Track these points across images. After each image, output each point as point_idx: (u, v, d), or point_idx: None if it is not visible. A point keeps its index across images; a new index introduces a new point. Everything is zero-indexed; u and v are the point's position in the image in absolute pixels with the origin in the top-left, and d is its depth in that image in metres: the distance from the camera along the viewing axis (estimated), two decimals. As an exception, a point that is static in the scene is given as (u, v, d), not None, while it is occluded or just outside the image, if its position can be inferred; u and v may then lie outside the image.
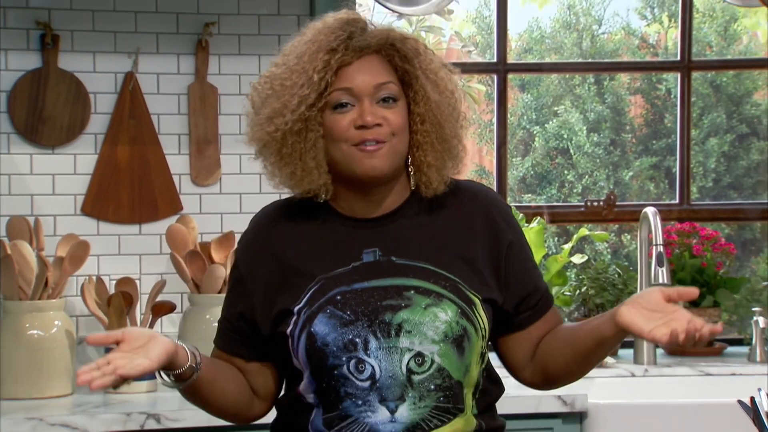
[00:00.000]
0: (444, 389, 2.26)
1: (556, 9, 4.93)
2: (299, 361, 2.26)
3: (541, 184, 4.92)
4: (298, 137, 2.24)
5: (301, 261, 2.29)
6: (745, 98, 4.81)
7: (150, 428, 3.22)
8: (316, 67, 2.23)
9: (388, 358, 2.23)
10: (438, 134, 2.30)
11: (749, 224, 4.74)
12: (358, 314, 2.24)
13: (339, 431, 2.26)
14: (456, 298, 2.27)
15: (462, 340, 2.26)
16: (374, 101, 2.25)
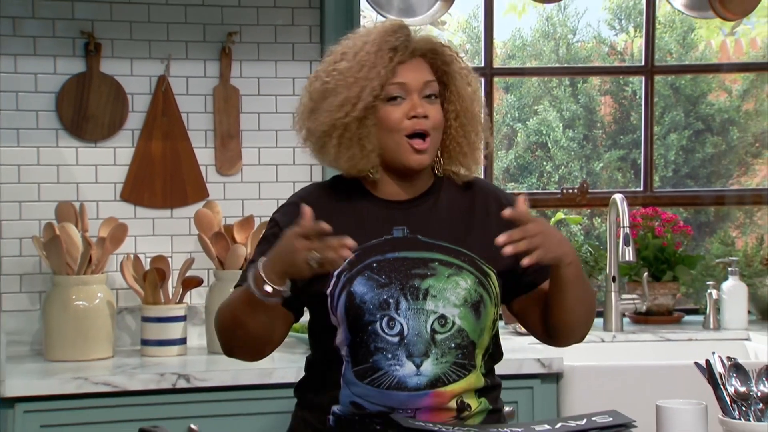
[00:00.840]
0: (462, 348, 2.29)
1: (536, 20, 4.93)
2: (337, 317, 2.29)
3: (522, 174, 4.92)
4: (361, 125, 2.28)
5: (339, 232, 2.19)
6: (701, 99, 4.81)
7: (181, 387, 3.22)
8: (383, 63, 2.26)
9: (415, 318, 2.26)
10: (471, 129, 2.34)
11: (704, 209, 4.73)
12: (392, 278, 2.27)
13: (370, 383, 2.28)
14: (474, 270, 2.31)
15: (479, 305, 2.29)
16: (421, 96, 2.28)
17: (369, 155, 2.29)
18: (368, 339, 2.27)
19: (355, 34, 2.35)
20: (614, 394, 3.25)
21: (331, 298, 2.28)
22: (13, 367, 3.30)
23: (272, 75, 3.85)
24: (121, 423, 3.12)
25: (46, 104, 3.71)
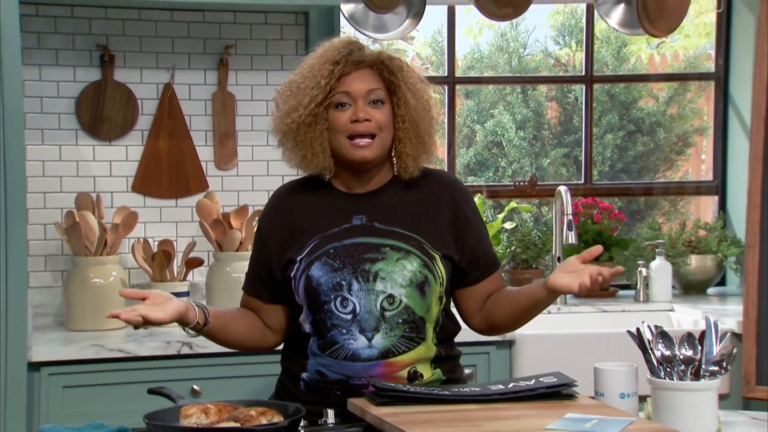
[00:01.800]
0: (409, 323, 2.29)
1: (492, 36, 4.92)
2: (299, 297, 2.30)
3: (481, 168, 4.91)
4: (309, 128, 2.28)
5: (305, 223, 2.33)
6: (633, 104, 4.82)
7: (184, 353, 3.23)
8: (323, 74, 2.27)
9: (366, 298, 2.26)
10: (414, 131, 2.33)
11: (635, 199, 4.75)
12: (345, 263, 2.28)
13: (330, 354, 2.29)
14: (420, 253, 2.30)
15: (424, 285, 2.28)
16: (366, 103, 2.28)
17: (319, 155, 2.30)
18: (325, 317, 2.28)
19: (315, 50, 2.35)
20: (559, 358, 3.26)
21: (294, 280, 2.31)
22: (38, 336, 3.31)
23: (264, 83, 3.85)
24: (132, 384, 3.12)
25: (66, 108, 3.70)
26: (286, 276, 2.32)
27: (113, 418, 2.22)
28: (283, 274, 2.33)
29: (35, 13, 3.63)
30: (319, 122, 2.28)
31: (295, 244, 2.33)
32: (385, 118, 2.30)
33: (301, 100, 2.28)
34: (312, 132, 2.28)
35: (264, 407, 2.01)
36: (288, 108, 2.30)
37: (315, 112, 2.27)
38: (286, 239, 2.34)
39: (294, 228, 2.34)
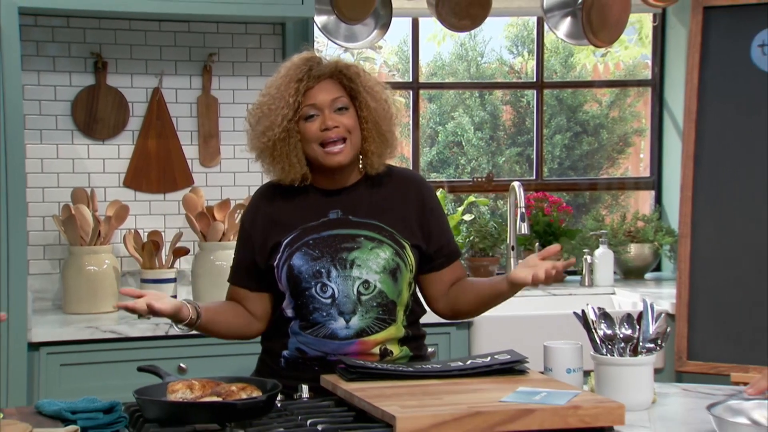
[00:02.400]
0: (382, 306, 2.30)
1: (452, 46, 4.92)
2: (282, 285, 2.31)
3: (442, 166, 4.91)
4: (284, 143, 2.28)
5: (286, 217, 2.33)
6: (579, 108, 4.84)
7: (172, 334, 3.20)
8: (290, 93, 2.28)
9: (344, 283, 2.27)
10: (377, 130, 2.33)
11: (581, 193, 4.77)
12: (324, 252, 2.28)
13: (310, 333, 2.30)
14: (392, 243, 2.31)
15: (396, 272, 2.29)
16: (332, 111, 2.28)
17: (295, 166, 2.30)
18: (307, 301, 2.29)
19: (279, 71, 2.35)
20: (512, 337, 3.27)
21: (277, 269, 2.31)
22: (38, 319, 3.29)
23: (244, 87, 3.83)
24: (123, 362, 3.11)
25: (63, 110, 3.67)
26: (269, 265, 2.32)
27: (106, 394, 2.20)
28: (266, 262, 2.33)
29: (34, 23, 3.60)
30: (292, 136, 2.28)
31: (277, 232, 2.33)
32: (352, 121, 2.30)
33: (273, 120, 2.28)
34: (287, 146, 2.28)
35: (244, 383, 2.01)
36: (262, 128, 2.30)
37: (287, 127, 2.27)
38: (268, 232, 2.34)
39: (275, 221, 2.35)
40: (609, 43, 4.16)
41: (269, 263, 2.32)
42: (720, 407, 1.94)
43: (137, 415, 1.98)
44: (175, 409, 1.90)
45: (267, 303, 2.39)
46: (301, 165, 2.30)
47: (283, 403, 2.05)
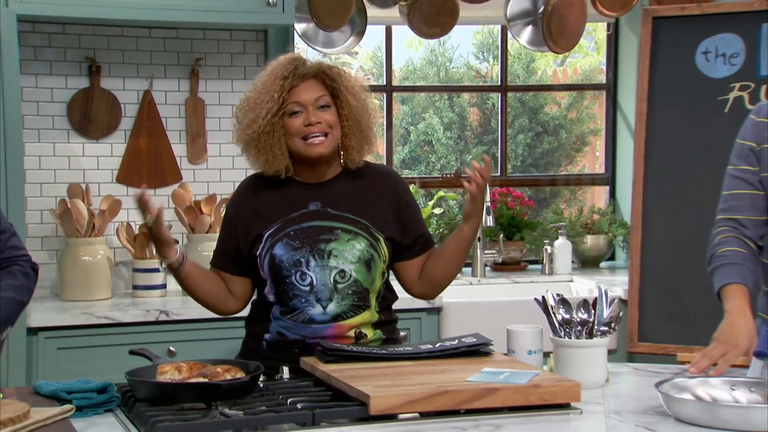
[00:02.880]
0: (357, 293, 2.29)
1: (423, 52, 4.92)
2: (264, 272, 2.29)
3: (414, 163, 4.91)
4: (268, 136, 2.27)
5: (269, 209, 2.31)
6: (540, 110, 4.85)
7: (162, 319, 3.21)
8: (276, 89, 2.26)
9: (322, 272, 2.26)
10: (357, 127, 2.32)
11: (542, 188, 4.79)
12: (304, 243, 2.27)
13: (290, 318, 2.29)
14: (367, 235, 2.30)
15: (370, 262, 2.28)
16: (315, 108, 2.27)
17: (279, 158, 2.29)
18: (287, 289, 2.28)
19: (266, 69, 2.34)
20: (478, 322, 3.28)
21: (259, 258, 2.30)
22: (36, 305, 3.27)
23: (229, 90, 3.81)
24: (117, 346, 3.10)
25: (59, 111, 3.64)
26: (252, 254, 2.31)
27: (100, 375, 2.19)
28: (249, 251, 2.32)
29: (32, 30, 3.56)
30: (276, 130, 2.27)
31: (260, 224, 2.32)
32: (333, 118, 2.30)
33: (259, 113, 2.26)
34: (271, 139, 2.27)
35: (229, 365, 2.01)
36: (248, 121, 2.28)
37: (272, 121, 2.26)
38: (251, 222, 2.33)
39: (258, 213, 2.33)
40: (567, 49, 4.18)
41: (252, 252, 2.31)
42: (667, 384, 1.95)
43: (129, 395, 1.97)
44: (164, 389, 1.89)
45: (246, 286, 2.39)
46: (284, 157, 2.29)
47: (265, 384, 2.05)
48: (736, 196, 2.32)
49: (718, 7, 3.44)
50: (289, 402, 1.89)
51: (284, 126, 2.27)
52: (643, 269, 3.43)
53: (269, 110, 2.25)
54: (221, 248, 2.40)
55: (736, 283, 2.23)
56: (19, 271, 2.23)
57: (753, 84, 3.30)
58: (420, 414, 1.85)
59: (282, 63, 2.30)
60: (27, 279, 2.24)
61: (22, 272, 2.23)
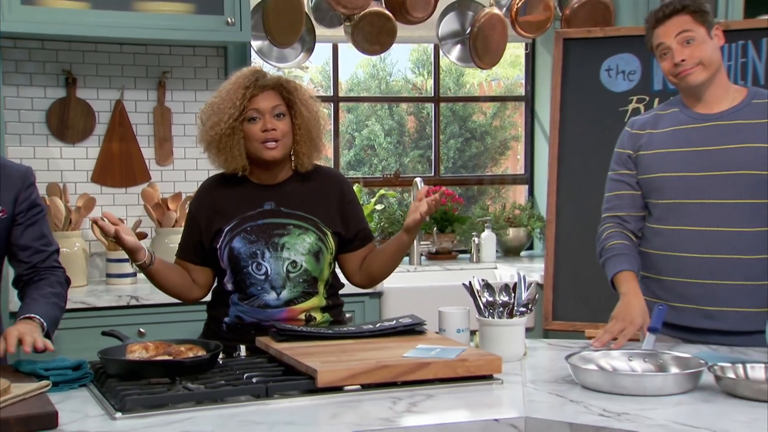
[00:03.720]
0: (307, 281, 2.29)
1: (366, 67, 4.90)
2: (224, 263, 2.28)
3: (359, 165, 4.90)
4: (229, 138, 2.25)
5: (228, 207, 2.29)
6: (468, 118, 4.87)
7: (132, 304, 3.17)
8: (238, 97, 2.25)
9: (276, 263, 2.25)
10: (308, 136, 2.31)
11: (471, 187, 4.81)
12: (259, 237, 2.26)
13: (247, 303, 2.28)
14: (316, 230, 2.30)
15: (319, 254, 2.28)
16: (272, 116, 2.26)
17: (237, 158, 2.28)
18: (244, 278, 2.27)
19: (229, 78, 2.33)
20: (414, 304, 3.29)
21: (219, 250, 2.29)
22: (17, 293, 3.19)
23: (193, 99, 3.77)
24: (91, 328, 3.05)
25: (39, 118, 3.57)
26: (213, 247, 2.29)
27: (77, 354, 2.15)
28: (210, 244, 2.30)
29: (13, 45, 3.49)
30: (236, 133, 2.26)
31: (220, 220, 2.30)
32: (287, 127, 2.29)
33: (222, 117, 2.25)
34: (231, 141, 2.26)
35: (191, 344, 1.99)
36: (211, 123, 2.27)
37: (233, 125, 2.25)
38: (212, 218, 2.32)
39: (218, 210, 2.32)
40: (491, 65, 4.21)
41: (213, 245, 2.29)
42: (575, 357, 1.99)
43: (101, 371, 1.94)
44: (133, 366, 1.88)
45: (208, 276, 2.37)
46: (241, 158, 2.28)
47: (224, 361, 2.04)
48: (618, 196, 2.41)
49: (618, 30, 3.50)
50: (245, 377, 1.88)
51: (243, 130, 2.26)
52: (556, 257, 3.46)
53: (231, 115, 2.23)
54: (186, 241, 2.38)
55: (627, 270, 2.30)
56: (56, 281, 2.24)
57: (647, 97, 3.36)
58: (362, 386, 1.86)
59: (245, 74, 2.29)
60: (63, 288, 2.25)
61: (59, 282, 2.24)
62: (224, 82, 2.33)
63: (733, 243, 2.24)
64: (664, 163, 2.32)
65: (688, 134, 2.31)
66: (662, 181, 2.32)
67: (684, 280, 2.30)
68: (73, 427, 1.64)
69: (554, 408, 1.76)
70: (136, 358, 1.92)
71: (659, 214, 2.35)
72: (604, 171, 2.52)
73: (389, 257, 2.37)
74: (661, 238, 2.34)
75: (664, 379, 1.84)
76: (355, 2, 3.81)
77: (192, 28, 3.40)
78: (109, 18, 3.30)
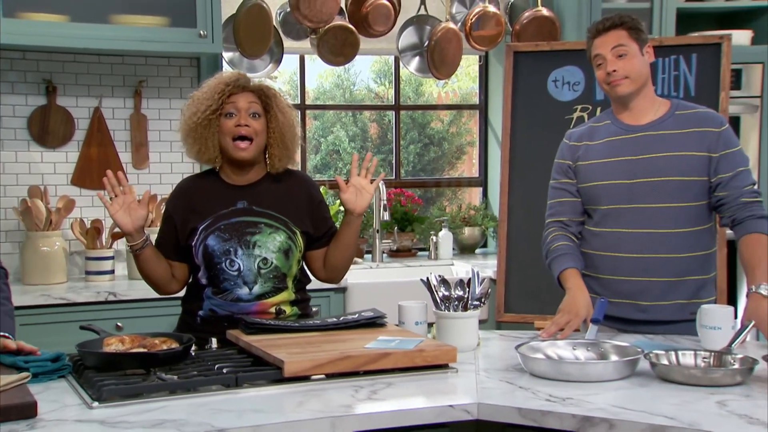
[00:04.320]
0: (277, 277, 2.28)
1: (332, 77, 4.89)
2: (198, 260, 2.25)
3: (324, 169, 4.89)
4: (204, 129, 2.24)
5: (202, 206, 2.27)
6: (427, 125, 4.89)
7: (110, 300, 3.13)
8: (218, 91, 2.24)
9: (248, 260, 2.23)
10: (281, 139, 2.30)
11: (429, 189, 4.83)
12: (232, 235, 2.24)
13: (221, 298, 2.26)
14: (286, 229, 2.29)
15: (288, 252, 2.27)
16: (247, 114, 2.24)
17: (210, 149, 2.26)
18: (218, 273, 2.25)
19: (214, 76, 2.33)
20: (376, 299, 3.29)
21: (194, 248, 2.26)
22: (0, 290, 3.14)
23: (168, 107, 3.73)
24: (70, 323, 3.00)
25: (20, 124, 3.52)
26: (188, 244, 2.27)
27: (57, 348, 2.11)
28: (186, 242, 2.28)
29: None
30: (212, 126, 2.24)
31: (194, 218, 2.28)
32: (261, 127, 2.27)
33: (199, 107, 2.24)
34: (206, 132, 2.24)
35: (165, 337, 1.97)
36: (190, 113, 2.26)
37: (210, 117, 2.24)
38: (187, 217, 2.29)
39: (193, 209, 2.30)
40: (447, 76, 4.22)
41: (188, 243, 2.27)
42: (524, 347, 2.00)
43: (79, 363, 1.92)
44: (110, 359, 1.85)
45: (185, 271, 2.35)
46: (214, 150, 2.26)
47: (197, 352, 2.02)
48: (560, 203, 2.45)
49: (563, 45, 3.53)
50: (216, 367, 1.87)
51: (219, 125, 2.25)
52: (508, 254, 3.48)
53: (209, 107, 2.23)
54: (162, 239, 2.35)
55: (572, 267, 2.33)
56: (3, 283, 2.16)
57: (590, 106, 3.40)
58: (326, 375, 1.85)
59: (229, 74, 2.31)
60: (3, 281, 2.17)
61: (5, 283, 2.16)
62: (208, 78, 2.33)
63: (663, 243, 2.30)
64: (599, 172, 2.37)
65: (620, 145, 2.36)
66: (599, 189, 2.37)
67: (620, 277, 2.34)
68: (52, 416, 1.62)
69: (505, 394, 1.77)
70: (112, 351, 1.89)
71: (598, 219, 2.39)
72: (550, 174, 2.54)
73: (345, 243, 2.34)
74: (600, 240, 2.38)
75: (605, 367, 1.86)
76: (321, 16, 3.80)
77: (167, 40, 3.37)
78: (88, 30, 3.25)
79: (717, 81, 3.21)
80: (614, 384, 1.82)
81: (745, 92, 3.84)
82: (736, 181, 2.28)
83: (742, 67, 3.82)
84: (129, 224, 2.17)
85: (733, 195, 2.27)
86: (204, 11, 3.39)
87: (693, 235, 2.31)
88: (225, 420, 1.59)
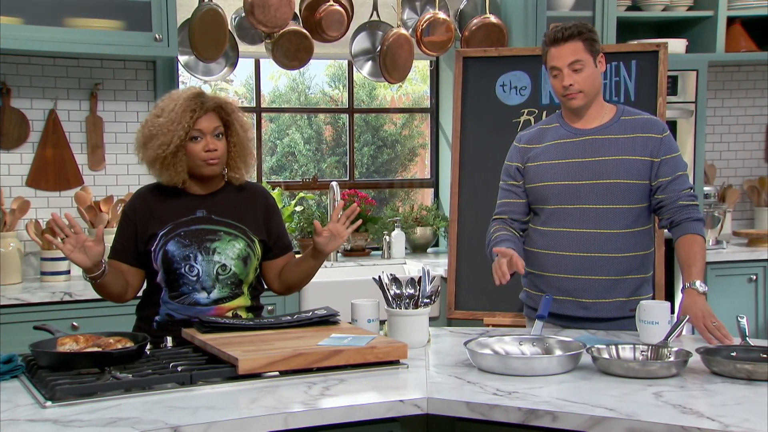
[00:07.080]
0: (234, 283, 2.27)
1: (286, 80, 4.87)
2: (157, 265, 2.23)
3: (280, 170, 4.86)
4: (174, 157, 2.22)
5: (163, 213, 2.25)
6: (380, 128, 4.89)
7: (66, 300, 3.07)
8: (186, 119, 2.20)
9: (207, 266, 2.22)
10: (241, 153, 2.30)
11: (383, 190, 4.83)
12: (192, 242, 2.23)
13: (178, 302, 2.24)
14: (245, 237, 2.29)
15: (247, 259, 2.26)
16: (213, 136, 2.23)
17: (180, 174, 2.25)
18: (177, 278, 2.23)
19: (170, 96, 2.28)
20: (331, 297, 3.29)
21: (154, 253, 2.23)
22: (-47, 292, 3.05)
23: (124, 110, 3.68)
24: (26, 323, 2.92)
25: (-26, 125, 3.42)
26: (147, 249, 2.25)
27: (13, 348, 2.09)
28: (145, 247, 2.25)
29: (-52, 55, 3.35)
30: (180, 151, 2.23)
31: (155, 224, 2.26)
32: (224, 145, 2.29)
33: (170, 139, 2.21)
34: (175, 159, 2.23)
35: (120, 336, 1.94)
36: (158, 143, 2.22)
37: (178, 145, 2.22)
38: (147, 223, 2.27)
39: (153, 216, 2.28)
40: (399, 80, 4.24)
41: (147, 248, 2.24)
42: (473, 342, 2.02)
43: (32, 363, 1.88)
44: (63, 358, 1.82)
45: (140, 277, 2.32)
46: (184, 173, 2.26)
47: (152, 351, 2.00)
48: (507, 203, 2.49)
49: (511, 51, 3.57)
50: (171, 365, 1.85)
51: (187, 149, 2.23)
52: (458, 253, 3.51)
53: (179, 137, 2.21)
54: (120, 243, 2.32)
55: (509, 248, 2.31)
56: None
57: (537, 110, 3.45)
58: (280, 372, 1.85)
59: (189, 97, 2.25)
60: None
61: None
62: (164, 99, 2.27)
63: (605, 243, 2.34)
64: (548, 173, 2.40)
65: (568, 147, 2.40)
66: (546, 189, 2.40)
67: (563, 275, 2.38)
68: (5, 416, 1.58)
69: (453, 389, 1.78)
70: (66, 351, 1.86)
71: (545, 218, 2.42)
72: (499, 175, 2.57)
73: (305, 272, 2.38)
74: (545, 239, 2.41)
75: (549, 361, 1.89)
76: (275, 21, 3.78)
77: (122, 43, 3.32)
78: (42, 33, 3.19)
79: (655, 87, 3.27)
80: (558, 377, 1.84)
81: (681, 98, 3.93)
82: (674, 185, 2.33)
83: (678, 73, 3.91)
84: (86, 261, 2.12)
85: (672, 198, 2.33)
86: (159, 15, 3.34)
87: (634, 236, 2.36)
88: (179, 417, 1.58)
